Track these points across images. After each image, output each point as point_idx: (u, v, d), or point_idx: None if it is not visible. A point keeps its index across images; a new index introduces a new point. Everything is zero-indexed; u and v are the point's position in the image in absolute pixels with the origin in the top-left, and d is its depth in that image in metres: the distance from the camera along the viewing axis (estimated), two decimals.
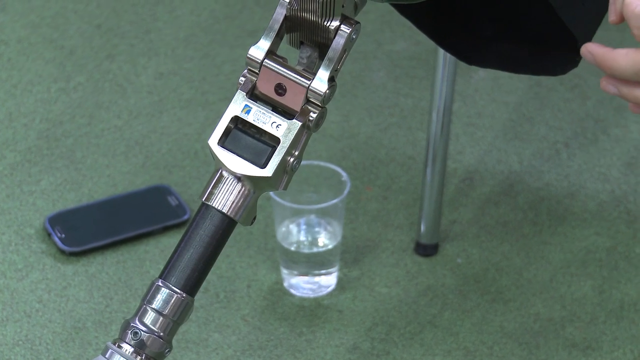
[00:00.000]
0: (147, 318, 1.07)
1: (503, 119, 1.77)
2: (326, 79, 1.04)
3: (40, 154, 1.70)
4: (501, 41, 1.20)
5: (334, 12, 1.02)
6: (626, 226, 1.62)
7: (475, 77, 1.82)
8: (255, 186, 1.06)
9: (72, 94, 1.79)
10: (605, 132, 1.75)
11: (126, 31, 1.89)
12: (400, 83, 1.82)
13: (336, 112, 1.76)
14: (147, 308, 1.07)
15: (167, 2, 1.94)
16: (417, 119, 1.76)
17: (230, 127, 1.07)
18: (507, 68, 1.21)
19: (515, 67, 1.21)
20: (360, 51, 1.85)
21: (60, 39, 1.88)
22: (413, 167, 1.69)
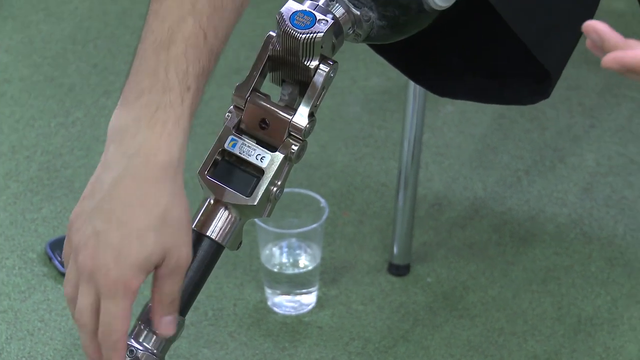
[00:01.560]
0: (142, 337, 1.06)
1: (469, 149, 1.77)
2: (306, 115, 1.04)
3: (42, 184, 1.70)
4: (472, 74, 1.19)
5: (313, 53, 1.02)
6: (582, 247, 1.62)
7: (443, 110, 1.82)
8: (241, 214, 1.06)
9: (70, 128, 1.79)
10: (563, 160, 1.75)
11: (121, 70, 1.89)
12: (374, 116, 1.82)
13: (315, 143, 1.75)
14: (142, 327, 1.06)
15: None
16: (390, 149, 1.76)
17: (218, 159, 1.06)
18: (478, 99, 1.21)
19: (486, 98, 1.21)
20: (337, 87, 1.85)
21: (59, 78, 1.87)
22: (386, 193, 1.69)
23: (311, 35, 1.01)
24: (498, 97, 1.18)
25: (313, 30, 1.01)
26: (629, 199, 1.69)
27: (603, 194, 1.69)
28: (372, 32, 1.08)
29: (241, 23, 1.98)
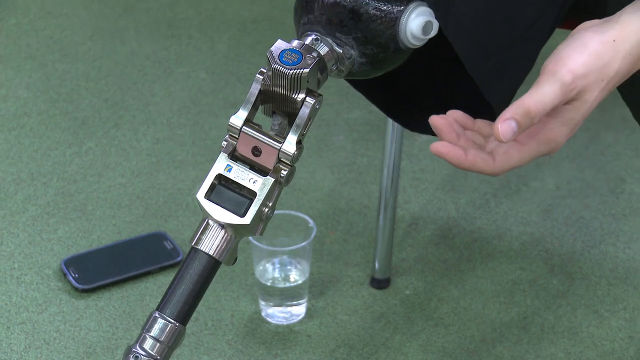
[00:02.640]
0: (146, 344, 1.05)
1: (442, 174, 1.77)
2: (294, 142, 1.04)
3: (57, 208, 1.69)
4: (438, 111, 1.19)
5: (300, 87, 1.02)
6: (544, 262, 1.62)
7: (419, 139, 1.82)
8: (236, 232, 1.05)
9: (84, 157, 1.78)
10: (526, 184, 1.75)
11: (129, 104, 1.89)
12: (356, 145, 1.82)
13: (304, 170, 1.75)
14: (147, 336, 1.05)
15: (163, 80, 1.94)
16: (371, 174, 1.76)
17: (215, 183, 1.06)
18: None
19: None
20: (323, 119, 1.85)
21: (74, 112, 1.87)
22: (368, 214, 1.69)
23: (298, 71, 1.01)
24: None
25: (300, 67, 1.01)
26: (586, 219, 1.68)
27: (563, 215, 1.69)
28: (354, 68, 1.07)
29: (236, 61, 1.99)
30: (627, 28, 0.94)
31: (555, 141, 0.96)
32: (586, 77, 0.93)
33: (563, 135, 0.95)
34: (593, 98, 0.94)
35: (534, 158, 0.96)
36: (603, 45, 0.93)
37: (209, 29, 2.05)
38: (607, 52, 0.94)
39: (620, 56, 0.93)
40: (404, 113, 1.21)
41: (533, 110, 0.92)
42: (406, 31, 1.06)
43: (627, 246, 1.64)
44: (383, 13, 1.04)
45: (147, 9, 2.09)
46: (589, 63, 0.93)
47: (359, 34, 1.04)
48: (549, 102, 0.92)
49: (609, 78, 0.93)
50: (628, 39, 0.94)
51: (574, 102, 0.94)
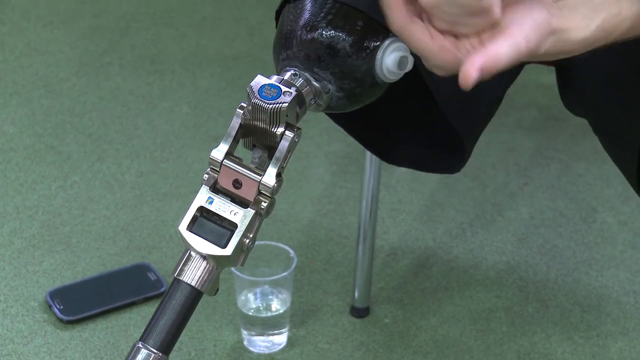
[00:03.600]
0: None
1: (419, 205, 1.77)
2: (274, 175, 1.04)
3: (43, 240, 1.68)
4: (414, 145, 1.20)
5: (279, 121, 1.02)
6: (519, 290, 1.62)
7: (397, 171, 1.82)
8: (218, 263, 1.05)
9: (68, 190, 1.78)
10: (501, 214, 1.75)
11: (113, 138, 1.88)
12: (336, 177, 1.82)
13: (284, 201, 1.75)
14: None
15: (147, 115, 1.94)
16: (350, 205, 1.76)
17: (196, 215, 1.06)
18: (418, 167, 1.21)
19: (426, 167, 1.21)
20: (303, 151, 1.85)
21: (59, 146, 1.87)
22: (347, 245, 1.69)
23: (277, 105, 1.01)
24: (434, 166, 1.19)
25: (279, 101, 1.01)
26: (559, 248, 1.69)
27: (537, 243, 1.69)
28: (332, 103, 1.08)
29: (218, 96, 1.99)
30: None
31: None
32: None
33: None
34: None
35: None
36: None
37: (191, 65, 2.05)
38: None
39: None
40: (382, 145, 1.21)
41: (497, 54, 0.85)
42: (382, 66, 1.06)
43: (599, 274, 1.64)
44: (359, 49, 1.05)
45: (131, 46, 2.09)
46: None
47: (336, 69, 1.05)
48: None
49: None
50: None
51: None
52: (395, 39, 1.07)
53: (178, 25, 2.15)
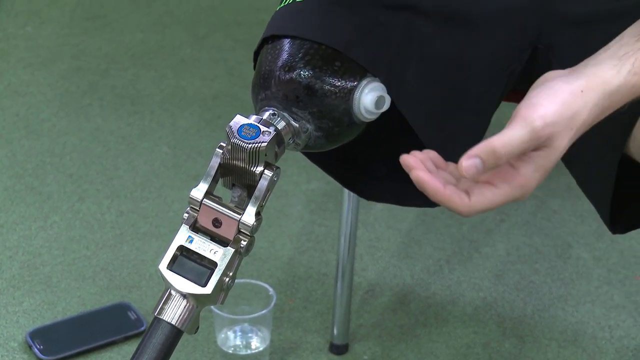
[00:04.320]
0: None
1: (397, 242, 1.77)
2: (253, 214, 1.04)
3: (23, 280, 1.67)
4: (392, 180, 1.20)
5: (258, 160, 1.02)
6: (497, 326, 1.61)
7: (375, 209, 1.82)
8: (198, 302, 1.04)
9: (49, 231, 1.77)
10: (478, 250, 1.75)
11: (93, 178, 1.88)
12: (314, 215, 1.82)
13: (263, 239, 1.74)
14: None
15: (127, 155, 1.93)
16: (329, 243, 1.75)
17: (177, 254, 1.05)
18: (397, 202, 1.21)
19: (404, 202, 1.21)
20: (282, 190, 1.85)
21: (39, 187, 1.86)
22: (326, 282, 1.68)
23: (256, 145, 1.01)
24: (413, 200, 1.19)
25: (258, 141, 1.01)
26: (535, 284, 1.69)
27: (513, 280, 1.69)
28: (310, 142, 1.08)
29: (197, 136, 1.99)
30: (594, 80, 0.94)
31: (528, 186, 0.93)
32: (556, 124, 0.92)
33: (535, 180, 0.93)
34: (563, 145, 0.92)
35: (506, 202, 0.94)
36: (572, 95, 0.93)
37: (170, 105, 2.05)
38: (576, 102, 0.93)
39: (589, 107, 0.93)
40: (360, 183, 1.21)
41: (499, 150, 0.90)
42: (359, 106, 1.06)
43: (575, 309, 1.64)
44: (337, 89, 1.05)
45: (111, 87, 2.09)
46: (559, 112, 0.92)
47: (314, 109, 1.05)
48: (517, 145, 0.90)
49: (577, 127, 0.93)
50: (595, 90, 0.93)
51: (545, 148, 0.92)
52: (372, 79, 1.07)
53: (157, 67, 2.15)
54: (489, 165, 0.90)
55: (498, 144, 0.90)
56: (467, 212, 0.93)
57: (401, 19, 1.09)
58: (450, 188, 0.92)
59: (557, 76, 0.94)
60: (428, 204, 1.17)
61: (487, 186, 0.93)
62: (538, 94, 0.92)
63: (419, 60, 1.10)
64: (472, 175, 0.90)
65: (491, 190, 0.92)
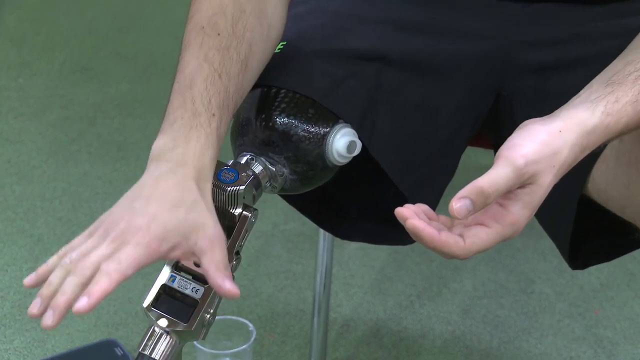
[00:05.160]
0: None
1: (370, 279, 1.76)
2: (233, 254, 1.03)
3: (14, 319, 1.65)
4: (365, 220, 1.20)
5: (237, 202, 1.02)
6: (465, 358, 1.61)
7: (349, 247, 1.82)
8: (181, 338, 1.04)
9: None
10: (447, 286, 1.75)
11: (82, 221, 1.87)
12: (292, 254, 1.81)
13: (243, 277, 1.74)
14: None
15: (114, 199, 1.91)
16: (306, 281, 1.75)
17: (160, 292, 1.05)
18: (370, 241, 1.21)
19: (376, 240, 1.21)
20: (261, 230, 1.85)
21: (30, 230, 1.85)
22: (303, 317, 1.67)
23: (234, 188, 1.01)
24: (386, 239, 1.19)
25: (236, 184, 1.02)
26: (501, 317, 1.69)
27: (480, 314, 1.69)
28: (286, 185, 1.08)
29: None
30: (570, 120, 0.93)
31: (518, 223, 0.92)
32: (538, 162, 0.91)
33: (525, 217, 0.92)
34: (548, 182, 0.92)
35: (500, 240, 0.93)
36: (551, 135, 0.93)
37: None
38: (555, 141, 0.92)
39: (568, 145, 0.93)
40: (335, 223, 1.21)
41: (487, 190, 0.90)
42: (332, 150, 1.07)
43: (538, 342, 1.64)
44: (311, 135, 1.06)
45: (98, 134, 2.09)
46: (539, 150, 0.92)
47: (289, 154, 1.05)
48: (503, 183, 0.90)
49: (559, 165, 0.92)
50: (573, 130, 0.93)
51: (530, 186, 0.92)
52: (344, 125, 1.08)
53: (142, 115, 2.15)
54: (479, 205, 0.90)
55: (485, 184, 0.89)
56: (464, 254, 0.92)
57: (372, 68, 1.10)
58: (445, 233, 0.91)
59: (534, 122, 0.94)
60: (398, 242, 1.18)
61: (480, 227, 0.92)
62: (518, 136, 0.93)
63: (389, 108, 1.11)
64: (464, 216, 0.90)
65: (484, 231, 0.92)
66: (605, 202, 1.06)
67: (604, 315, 1.69)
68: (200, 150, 0.94)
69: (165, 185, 0.94)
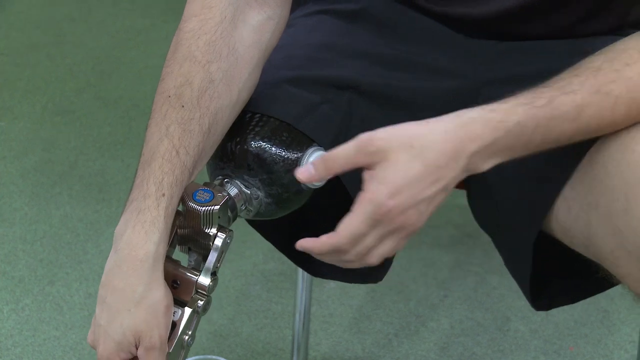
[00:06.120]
0: None
1: (349, 318, 1.76)
2: (209, 275, 1.04)
3: None
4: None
5: (212, 223, 1.02)
6: None
7: (327, 287, 1.81)
8: None
9: (20, 313, 1.74)
10: (424, 324, 1.75)
11: (63, 263, 1.86)
12: (271, 293, 1.81)
13: (224, 317, 1.73)
14: None
15: (94, 240, 1.92)
16: (285, 320, 1.74)
17: None
18: (342, 279, 1.21)
19: (348, 278, 1.21)
20: (242, 270, 1.84)
21: (11, 272, 1.83)
22: (283, 356, 1.67)
23: (209, 208, 1.02)
24: (359, 276, 1.19)
25: (211, 204, 1.02)
26: (477, 355, 1.68)
27: (457, 351, 1.69)
28: (261, 208, 1.08)
29: None
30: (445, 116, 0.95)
31: (376, 199, 0.93)
32: (385, 139, 0.93)
33: (382, 192, 0.93)
34: (402, 159, 0.92)
35: (365, 218, 0.94)
36: (414, 124, 0.94)
37: None
38: (416, 126, 0.94)
39: (437, 130, 0.93)
40: (309, 261, 1.21)
41: (327, 158, 0.95)
42: None
43: None
44: (285, 157, 1.06)
45: (80, 177, 2.08)
46: (390, 131, 0.94)
47: (264, 176, 1.05)
48: (343, 155, 0.94)
49: (422, 146, 0.92)
50: (444, 120, 0.94)
51: (381, 162, 0.93)
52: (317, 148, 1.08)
53: (124, 157, 2.15)
54: (320, 171, 0.95)
55: (327, 154, 0.95)
56: (340, 240, 0.95)
57: (345, 97, 1.11)
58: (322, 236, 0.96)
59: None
60: (371, 280, 1.18)
61: (347, 214, 0.95)
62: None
63: None
64: (305, 179, 0.95)
65: (349, 215, 0.95)
66: (570, 241, 1.06)
67: (578, 352, 1.68)
68: (144, 237, 0.97)
69: (114, 280, 0.98)
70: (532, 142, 0.96)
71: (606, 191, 0.98)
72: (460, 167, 0.94)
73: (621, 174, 0.96)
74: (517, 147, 0.95)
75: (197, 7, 1.03)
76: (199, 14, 1.03)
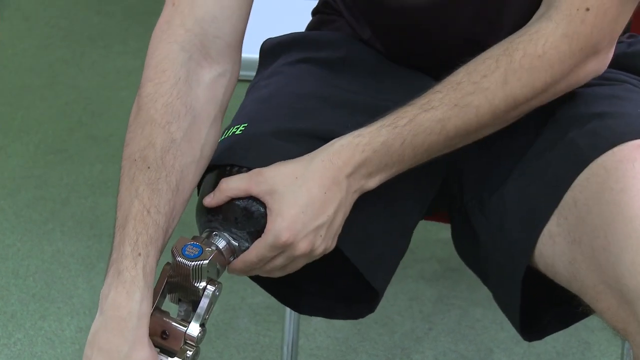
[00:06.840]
0: None
1: (335, 350, 1.76)
2: (198, 326, 1.04)
3: None
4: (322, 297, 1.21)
5: (201, 277, 1.03)
6: None
7: (314, 320, 1.82)
8: None
9: (12, 348, 1.74)
10: (409, 357, 1.75)
11: (55, 297, 1.86)
12: (259, 326, 1.81)
13: (212, 350, 1.73)
14: None
15: (86, 275, 1.92)
16: (273, 352, 1.74)
17: None
18: (327, 316, 1.22)
19: (332, 315, 1.22)
20: (229, 304, 1.84)
21: (3, 307, 1.83)
22: None
23: (198, 263, 1.02)
24: (342, 314, 1.20)
25: (200, 259, 1.03)
26: None
27: None
28: None
29: None
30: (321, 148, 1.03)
31: (275, 231, 1.02)
32: (273, 171, 1.02)
33: (280, 226, 1.02)
34: (289, 191, 1.01)
35: (270, 247, 1.03)
36: (298, 157, 1.03)
37: None
38: (298, 159, 1.02)
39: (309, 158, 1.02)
40: (294, 298, 1.22)
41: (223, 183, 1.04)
42: None
43: None
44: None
45: (72, 214, 2.08)
46: (278, 164, 1.03)
47: (251, 229, 1.06)
48: (234, 186, 1.03)
49: (303, 176, 1.01)
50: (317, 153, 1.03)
51: (272, 194, 1.01)
52: None
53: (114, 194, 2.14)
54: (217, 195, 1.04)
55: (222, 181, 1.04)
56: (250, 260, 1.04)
57: None
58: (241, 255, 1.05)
59: None
60: (352, 317, 1.19)
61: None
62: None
63: None
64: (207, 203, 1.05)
65: (257, 241, 1.04)
66: (553, 276, 1.07)
67: None
68: (126, 297, 0.99)
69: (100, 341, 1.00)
70: (405, 156, 1.03)
71: (588, 228, 1.00)
72: (344, 189, 1.02)
73: (601, 212, 0.98)
74: (392, 163, 1.03)
75: (151, 72, 1.05)
76: (153, 79, 1.05)
